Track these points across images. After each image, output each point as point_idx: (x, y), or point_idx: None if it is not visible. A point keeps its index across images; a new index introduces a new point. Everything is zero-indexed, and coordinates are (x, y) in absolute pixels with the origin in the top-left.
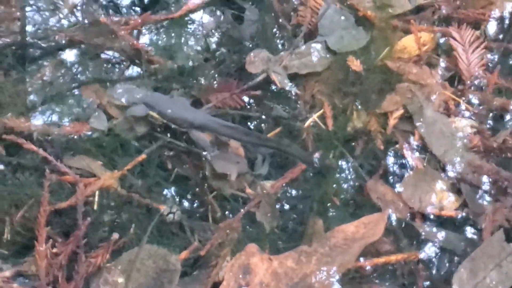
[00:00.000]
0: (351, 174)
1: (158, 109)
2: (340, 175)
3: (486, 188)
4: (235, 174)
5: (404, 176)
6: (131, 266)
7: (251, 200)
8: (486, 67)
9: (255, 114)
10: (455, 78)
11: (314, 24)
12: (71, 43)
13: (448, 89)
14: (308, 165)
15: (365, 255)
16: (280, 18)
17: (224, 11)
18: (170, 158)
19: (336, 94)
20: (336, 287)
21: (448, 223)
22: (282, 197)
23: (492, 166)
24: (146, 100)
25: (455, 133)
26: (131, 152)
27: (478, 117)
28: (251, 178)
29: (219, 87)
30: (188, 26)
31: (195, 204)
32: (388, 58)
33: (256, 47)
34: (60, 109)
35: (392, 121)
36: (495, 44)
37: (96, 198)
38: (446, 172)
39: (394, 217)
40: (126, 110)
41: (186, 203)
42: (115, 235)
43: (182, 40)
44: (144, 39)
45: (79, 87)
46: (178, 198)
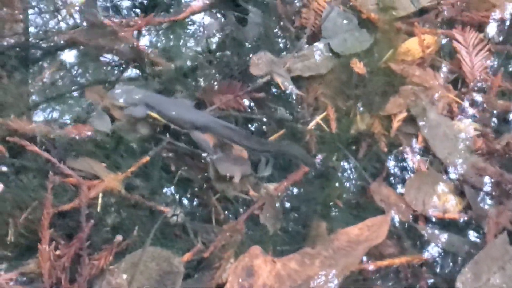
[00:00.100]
0: (354, 177)
1: (158, 109)
2: (344, 177)
3: (490, 191)
4: (239, 176)
5: (407, 179)
6: (134, 268)
7: (254, 202)
8: (489, 70)
9: (258, 117)
10: (459, 81)
11: (317, 27)
12: (73, 45)
13: (452, 91)
14: (310, 167)
15: (368, 257)
16: (284, 21)
17: (227, 13)
18: (174, 160)
19: (339, 97)
20: None
21: (451, 225)
22: (286, 199)
23: (496, 168)
24: (147, 100)
25: (459, 135)
26: (134, 154)
27: (481, 119)
28: (254, 180)
29: (223, 89)
30: (192, 28)
31: (199, 206)
32: (392, 61)
33: (259, 49)
34: (63, 111)
35: (395, 123)
36: (498, 47)
37: (100, 200)
38: (449, 175)
39: (397, 219)
40: (124, 110)
41: (190, 205)
42: (119, 237)
43: (186, 42)
44: (147, 41)
45: (82, 89)
46: (181, 200)
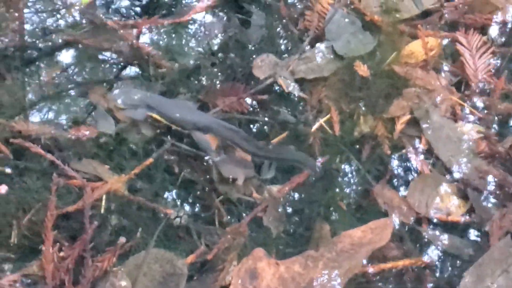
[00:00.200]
0: (357, 179)
1: (159, 110)
2: (347, 179)
3: (493, 193)
4: (242, 178)
5: (410, 181)
6: (137, 270)
7: (257, 204)
8: (493, 72)
9: (261, 119)
10: (462, 83)
11: (321, 29)
12: (75, 46)
13: (455, 94)
14: (312, 172)
15: (372, 260)
16: (287, 23)
17: (230, 15)
18: (177, 162)
19: (343, 99)
20: None
21: (454, 228)
22: (289, 201)
23: (499, 171)
24: (148, 101)
25: (462, 138)
26: (138, 156)
27: (485, 122)
28: (257, 183)
29: (226, 91)
30: (195, 30)
31: (202, 208)
32: (395, 63)
33: (263, 51)
34: (65, 112)
35: (399, 126)
36: (502, 49)
37: (103, 202)
38: (453, 177)
39: (400, 222)
40: (124, 112)
41: (193, 207)
42: (122, 239)
43: (189, 44)
44: (150, 43)
45: (84, 90)
46: (185, 202)
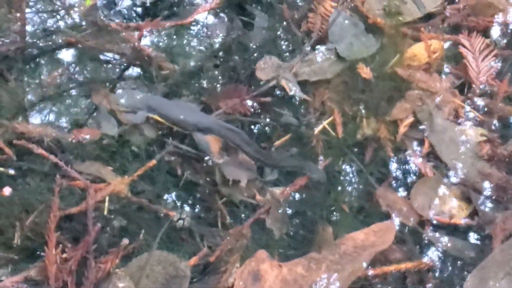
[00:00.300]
0: (360, 181)
1: (160, 111)
2: (350, 182)
3: (496, 196)
4: (245, 180)
5: (413, 184)
6: (140, 272)
7: (260, 206)
8: (496, 75)
9: (264, 121)
10: (465, 86)
11: (324, 31)
12: (77, 47)
13: (458, 96)
14: (314, 177)
15: (375, 263)
16: (290, 25)
17: (234, 17)
18: (180, 164)
19: (346, 101)
20: None
21: (457, 231)
22: (292, 203)
23: (502, 174)
24: (149, 102)
25: (465, 141)
26: (141, 158)
27: (487, 125)
28: (260, 185)
29: (229, 93)
30: (198, 32)
31: (205, 210)
32: (398, 66)
33: (266, 53)
34: (68, 114)
35: (401, 128)
36: (505, 52)
37: (106, 204)
38: (456, 180)
39: (403, 224)
40: (124, 116)
41: (196, 209)
42: (125, 241)
43: (191, 46)
44: (152, 45)
45: (87, 91)
46: (187, 204)
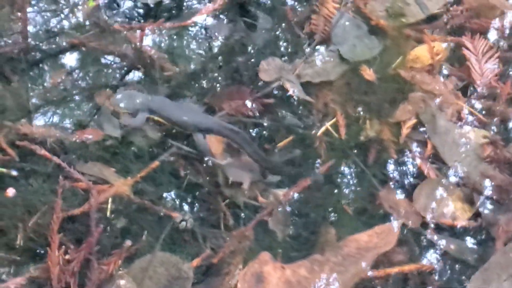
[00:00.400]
0: (363, 183)
1: (161, 113)
2: (353, 184)
3: (499, 198)
4: (248, 182)
5: (416, 186)
6: (143, 274)
7: (263, 208)
8: (498, 77)
9: (267, 122)
10: (468, 88)
11: (327, 33)
12: (80, 49)
13: (461, 98)
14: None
15: (377, 265)
16: (293, 27)
17: (237, 19)
18: (183, 165)
19: (348, 103)
20: None
21: (460, 233)
22: (294, 205)
23: (505, 176)
24: (150, 105)
25: (468, 143)
26: (144, 159)
27: (490, 127)
28: (263, 186)
29: (231, 95)
30: (200, 34)
31: (208, 212)
32: (401, 67)
33: (269, 55)
34: (71, 116)
35: (404, 130)
36: (507, 54)
37: (109, 205)
38: (459, 182)
39: (407, 227)
40: (123, 120)
41: (199, 211)
42: (128, 242)
43: (194, 47)
44: (155, 46)
45: (89, 93)
46: (190, 206)
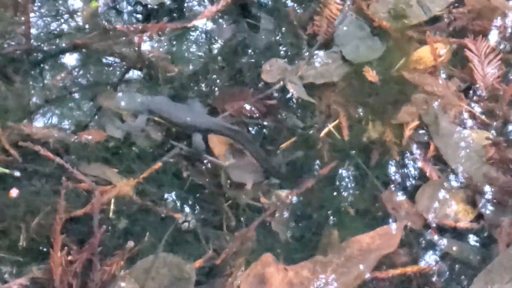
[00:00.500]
0: (366, 185)
1: (161, 114)
2: (355, 185)
3: (502, 200)
4: (251, 183)
5: (419, 187)
6: (145, 275)
7: (266, 209)
8: (501, 79)
9: (270, 124)
10: (471, 89)
11: (330, 34)
12: (82, 49)
13: (464, 100)
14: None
15: (380, 266)
16: (296, 28)
17: (239, 20)
18: (186, 167)
19: (351, 105)
20: None
21: (462, 234)
22: (297, 206)
23: (508, 178)
24: (149, 105)
25: (471, 144)
26: (146, 160)
27: (493, 128)
28: (266, 187)
29: (234, 96)
30: (203, 35)
31: (210, 213)
32: (404, 69)
33: (271, 56)
34: (72, 116)
35: (407, 132)
36: (510, 56)
37: (112, 206)
38: (461, 184)
39: (409, 228)
40: (122, 125)
41: (201, 212)
42: (130, 243)
43: (197, 48)
44: (157, 47)
45: (92, 94)
46: (193, 207)
